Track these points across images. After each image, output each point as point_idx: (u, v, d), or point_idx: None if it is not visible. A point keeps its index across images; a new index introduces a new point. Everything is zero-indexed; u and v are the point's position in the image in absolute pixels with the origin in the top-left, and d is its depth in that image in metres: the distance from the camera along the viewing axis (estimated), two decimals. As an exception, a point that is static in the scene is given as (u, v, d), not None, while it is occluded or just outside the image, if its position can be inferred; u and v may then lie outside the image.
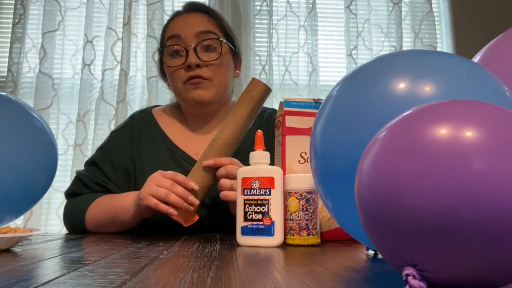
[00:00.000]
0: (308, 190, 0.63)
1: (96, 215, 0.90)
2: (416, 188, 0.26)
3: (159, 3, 1.79)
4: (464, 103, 0.30)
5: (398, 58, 0.46)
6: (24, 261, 0.47)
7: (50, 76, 1.73)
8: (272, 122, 1.03)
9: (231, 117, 0.85)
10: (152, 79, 1.73)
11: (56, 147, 0.86)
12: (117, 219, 0.87)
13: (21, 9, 1.75)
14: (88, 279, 0.36)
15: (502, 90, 0.42)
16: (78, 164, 1.68)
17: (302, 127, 0.71)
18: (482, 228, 0.25)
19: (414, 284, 0.27)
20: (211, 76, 0.95)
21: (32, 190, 0.82)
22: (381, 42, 1.92)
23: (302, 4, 1.88)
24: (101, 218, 0.90)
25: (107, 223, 0.89)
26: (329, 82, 1.90)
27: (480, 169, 0.25)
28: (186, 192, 0.78)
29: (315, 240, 0.62)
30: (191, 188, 0.79)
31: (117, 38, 1.76)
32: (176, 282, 0.34)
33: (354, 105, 0.44)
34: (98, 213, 0.90)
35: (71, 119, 1.76)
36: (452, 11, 2.01)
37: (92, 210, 0.91)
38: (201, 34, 0.95)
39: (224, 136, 0.83)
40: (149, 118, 1.05)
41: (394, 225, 0.28)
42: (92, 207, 0.92)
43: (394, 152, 0.28)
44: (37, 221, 1.65)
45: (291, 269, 0.41)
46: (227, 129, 0.84)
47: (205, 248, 0.58)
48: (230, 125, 0.84)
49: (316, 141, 0.48)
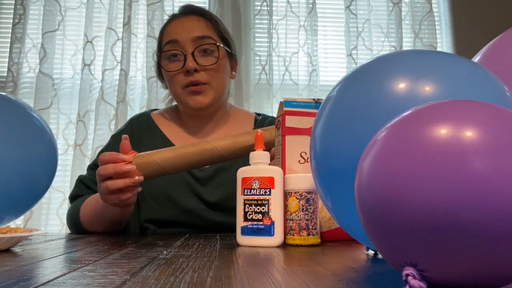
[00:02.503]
0: (308, 190, 0.63)
1: (87, 213, 0.91)
2: (416, 188, 0.26)
3: (159, 3, 1.79)
4: (464, 103, 0.30)
5: (398, 58, 0.46)
6: (24, 261, 0.47)
7: (50, 76, 1.73)
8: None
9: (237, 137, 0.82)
10: (152, 79, 1.73)
11: (56, 147, 0.86)
12: (106, 215, 0.87)
13: (21, 9, 1.75)
14: (88, 279, 0.36)
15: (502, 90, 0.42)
16: (78, 164, 1.68)
17: (302, 127, 0.71)
18: (482, 228, 0.25)
19: (414, 284, 0.27)
20: (209, 80, 0.97)
21: (32, 190, 0.82)
22: (381, 42, 1.92)
23: (302, 4, 1.88)
24: (92, 216, 0.90)
25: (99, 220, 0.89)
26: (329, 82, 1.90)
27: (480, 169, 0.25)
28: (123, 168, 0.76)
29: (315, 240, 0.62)
30: (122, 161, 0.77)
31: (117, 38, 1.76)
32: (176, 282, 0.34)
33: (354, 105, 0.44)
34: (89, 212, 0.91)
35: (71, 119, 1.76)
36: (452, 11, 2.01)
37: (84, 210, 0.92)
38: (198, 39, 0.97)
39: (216, 145, 0.81)
40: (148, 121, 1.07)
41: (394, 225, 0.28)
42: (83, 207, 0.92)
43: (394, 152, 0.28)
44: (37, 221, 1.65)
45: (291, 269, 0.41)
46: (223, 142, 0.81)
47: (205, 248, 0.58)
48: (228, 141, 0.81)
49: (316, 141, 0.48)
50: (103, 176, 0.77)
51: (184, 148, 0.81)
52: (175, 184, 0.96)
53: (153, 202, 0.96)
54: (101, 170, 0.77)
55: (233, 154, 0.82)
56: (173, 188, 0.96)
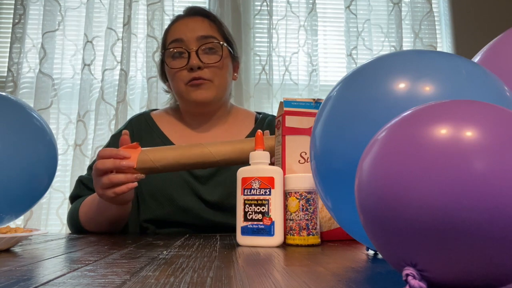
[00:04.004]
0: (308, 190, 0.63)
1: (86, 213, 0.91)
2: (416, 188, 0.26)
3: (159, 3, 1.79)
4: (464, 103, 0.30)
5: (398, 58, 0.46)
6: (24, 261, 0.47)
7: (50, 76, 1.73)
8: (272, 129, 1.05)
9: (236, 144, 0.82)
10: (152, 79, 1.73)
11: (56, 147, 0.86)
12: (103, 214, 0.87)
13: (21, 9, 1.75)
14: (88, 279, 0.36)
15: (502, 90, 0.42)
16: (78, 164, 1.67)
17: (302, 127, 0.71)
18: (482, 228, 0.25)
19: (414, 284, 0.27)
20: (212, 77, 0.99)
21: (32, 190, 0.82)
22: (381, 42, 1.92)
23: (302, 4, 1.88)
24: (90, 215, 0.90)
25: (96, 219, 0.89)
26: (329, 82, 1.90)
27: (480, 169, 0.25)
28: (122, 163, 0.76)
29: (315, 240, 0.62)
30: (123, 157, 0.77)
31: (117, 38, 1.76)
32: (176, 282, 0.34)
33: (354, 105, 0.44)
34: (87, 211, 0.91)
35: (71, 119, 1.76)
36: (452, 11, 2.01)
37: (82, 209, 0.92)
38: (203, 38, 0.98)
39: (212, 150, 0.81)
40: (148, 121, 1.07)
41: (394, 225, 0.28)
42: (82, 206, 0.93)
43: (394, 152, 0.28)
44: (37, 221, 1.65)
45: (291, 269, 0.41)
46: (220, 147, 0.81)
47: (205, 248, 0.58)
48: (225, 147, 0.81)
49: (316, 141, 0.48)
50: (102, 170, 0.77)
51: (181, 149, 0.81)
52: (174, 183, 0.96)
53: (153, 201, 0.96)
54: (100, 164, 0.77)
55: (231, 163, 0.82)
56: (173, 188, 0.96)
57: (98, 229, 0.91)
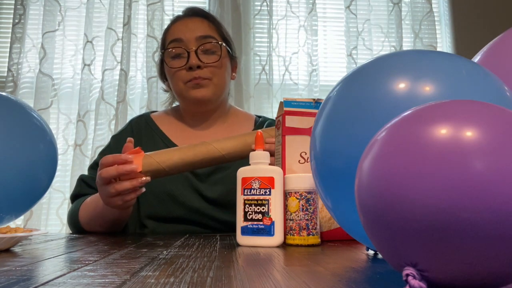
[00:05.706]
0: (308, 190, 0.63)
1: (87, 214, 0.91)
2: (416, 188, 0.26)
3: (159, 3, 1.79)
4: (464, 103, 0.30)
5: (398, 58, 0.46)
6: (24, 261, 0.47)
7: (50, 76, 1.73)
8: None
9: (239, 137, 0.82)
10: (152, 79, 1.73)
11: (56, 147, 0.86)
12: (106, 216, 0.87)
13: (21, 9, 1.75)
14: (88, 279, 0.36)
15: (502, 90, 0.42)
16: (78, 164, 1.67)
17: (302, 127, 0.71)
18: (481, 228, 0.25)
19: (414, 284, 0.27)
20: (211, 76, 1.00)
21: (32, 190, 0.82)
22: (381, 42, 1.92)
23: (302, 4, 1.88)
24: (91, 217, 0.90)
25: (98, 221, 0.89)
26: (329, 82, 1.90)
27: (480, 169, 0.25)
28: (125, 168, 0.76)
29: (315, 240, 0.62)
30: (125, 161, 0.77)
31: (117, 38, 1.76)
32: (176, 282, 0.34)
33: (354, 105, 0.44)
34: (88, 212, 0.91)
35: (71, 119, 1.76)
36: (452, 11, 2.01)
37: (83, 210, 0.92)
38: (202, 38, 1.00)
39: (216, 146, 0.81)
40: (148, 122, 1.08)
41: (394, 225, 0.28)
42: (82, 207, 0.93)
43: (394, 152, 0.28)
44: (37, 221, 1.65)
45: (291, 269, 0.41)
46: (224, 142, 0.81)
47: (205, 248, 0.58)
48: (229, 142, 0.81)
49: (316, 141, 0.48)
50: (106, 178, 0.76)
51: (185, 148, 0.81)
52: (174, 180, 0.96)
53: (153, 198, 0.97)
54: (104, 172, 0.77)
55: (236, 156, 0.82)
56: (173, 184, 0.96)
57: (99, 230, 0.91)
